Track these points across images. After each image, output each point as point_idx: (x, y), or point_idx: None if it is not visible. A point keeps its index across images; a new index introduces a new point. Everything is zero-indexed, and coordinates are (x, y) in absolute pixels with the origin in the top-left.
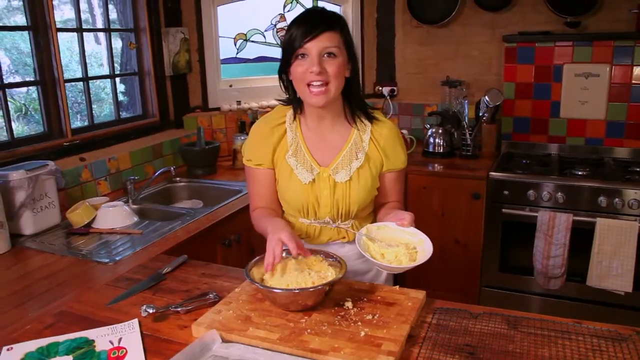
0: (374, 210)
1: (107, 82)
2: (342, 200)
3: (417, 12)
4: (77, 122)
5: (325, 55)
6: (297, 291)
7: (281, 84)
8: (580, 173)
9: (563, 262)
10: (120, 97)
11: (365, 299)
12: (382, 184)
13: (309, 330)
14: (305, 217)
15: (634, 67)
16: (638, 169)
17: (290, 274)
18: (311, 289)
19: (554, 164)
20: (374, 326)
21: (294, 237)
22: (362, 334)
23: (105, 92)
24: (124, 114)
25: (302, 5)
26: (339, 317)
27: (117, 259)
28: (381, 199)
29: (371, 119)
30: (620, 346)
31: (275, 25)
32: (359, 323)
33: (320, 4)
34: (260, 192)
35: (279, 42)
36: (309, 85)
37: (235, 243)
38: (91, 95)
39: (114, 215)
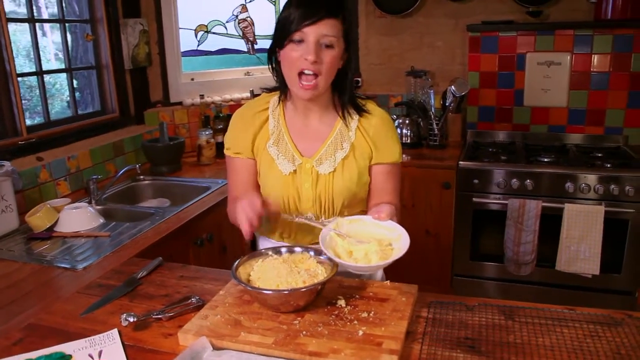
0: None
1: (58, 77)
2: (324, 194)
3: (380, 2)
4: (26, 120)
5: (323, 45)
6: (287, 292)
7: (270, 65)
8: (546, 160)
9: (533, 248)
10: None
11: (357, 296)
12: (372, 180)
13: (304, 332)
14: (287, 212)
15: (593, 56)
16: (600, 155)
17: (279, 274)
18: (303, 289)
19: (520, 152)
20: (371, 324)
21: (254, 201)
22: (360, 333)
23: (55, 88)
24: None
25: None
26: (333, 316)
27: (86, 264)
28: (373, 199)
29: (361, 111)
30: (616, 330)
31: (236, 16)
32: (355, 322)
33: None
34: (239, 184)
35: (241, 34)
36: (300, 74)
37: (207, 242)
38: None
39: (78, 218)
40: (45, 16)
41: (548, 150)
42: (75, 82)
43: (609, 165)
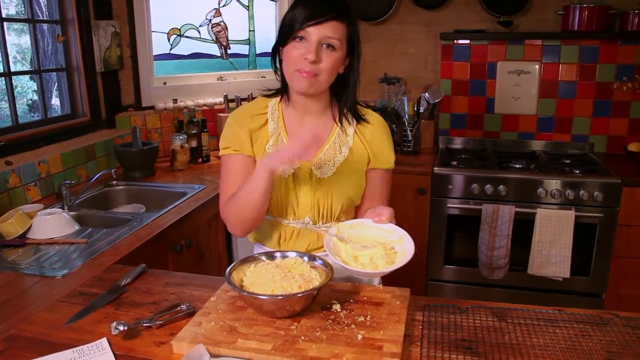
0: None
1: (20, 80)
2: (323, 198)
3: (354, 9)
4: None
5: (325, 46)
6: (281, 297)
7: (273, 63)
8: (517, 166)
9: (506, 253)
10: (35, 97)
11: (351, 300)
12: (366, 185)
13: (302, 338)
14: (284, 216)
15: (561, 65)
16: (568, 161)
17: (273, 279)
18: (300, 294)
19: (492, 158)
20: (369, 328)
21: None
22: (359, 337)
23: (17, 91)
24: (36, 115)
25: (238, 1)
26: (329, 320)
27: (64, 272)
28: (365, 203)
29: (360, 119)
30: (605, 329)
31: (210, 20)
32: (353, 326)
33: (256, 1)
34: (240, 180)
35: (214, 38)
36: (298, 70)
37: (186, 248)
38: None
39: (53, 224)
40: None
41: (518, 156)
42: (35, 84)
43: (577, 172)
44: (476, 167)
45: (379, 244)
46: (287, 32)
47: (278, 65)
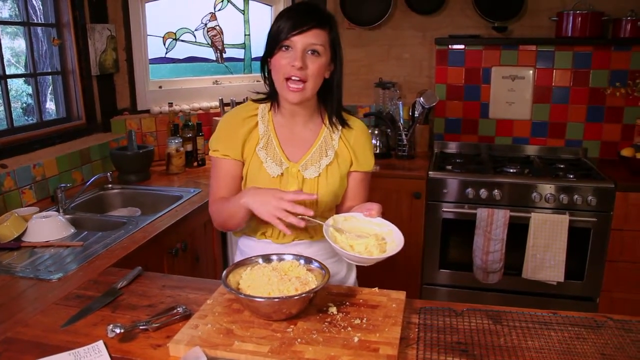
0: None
1: (14, 83)
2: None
3: (349, 14)
4: None
5: (309, 52)
6: (278, 300)
7: (262, 74)
8: (512, 171)
9: (501, 257)
10: (29, 101)
11: (347, 303)
12: (348, 186)
13: (299, 340)
14: None
15: (555, 71)
16: (562, 166)
17: (270, 282)
18: (296, 297)
19: (486, 163)
20: (365, 330)
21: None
22: (356, 339)
23: (10, 95)
24: (31, 119)
25: (234, 5)
26: (326, 323)
27: (60, 275)
28: (346, 203)
29: (344, 124)
30: (599, 332)
31: (205, 24)
32: (349, 328)
33: (252, 4)
34: (226, 183)
35: (210, 42)
36: (287, 79)
37: (182, 252)
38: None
39: (48, 227)
40: None
41: (513, 161)
42: (30, 88)
43: (571, 176)
44: (471, 172)
45: (371, 235)
46: (274, 43)
47: (267, 75)
